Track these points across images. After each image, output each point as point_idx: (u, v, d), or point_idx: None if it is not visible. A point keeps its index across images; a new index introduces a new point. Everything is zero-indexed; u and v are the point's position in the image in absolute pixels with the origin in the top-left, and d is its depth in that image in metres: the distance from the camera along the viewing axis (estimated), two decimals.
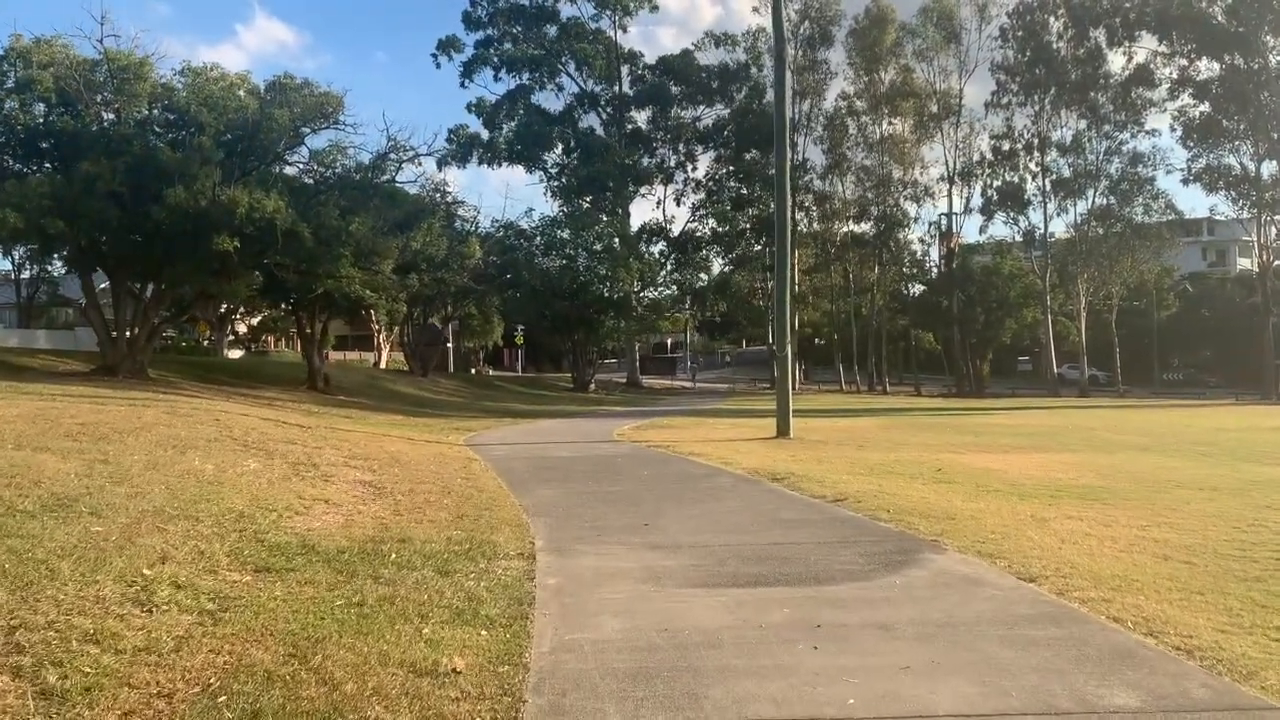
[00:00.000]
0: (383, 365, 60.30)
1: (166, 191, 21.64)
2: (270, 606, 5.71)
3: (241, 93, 25.13)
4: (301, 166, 27.19)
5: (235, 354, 61.74)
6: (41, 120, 23.87)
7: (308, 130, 25.60)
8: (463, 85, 60.52)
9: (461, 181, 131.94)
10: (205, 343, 60.58)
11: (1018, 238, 66.04)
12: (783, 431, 20.76)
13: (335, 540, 7.75)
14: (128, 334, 25.01)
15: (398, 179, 28.52)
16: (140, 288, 25.71)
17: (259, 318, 64.70)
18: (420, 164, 29.27)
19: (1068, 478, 13.96)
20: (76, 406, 15.72)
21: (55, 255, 25.92)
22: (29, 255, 45.20)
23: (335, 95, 26.50)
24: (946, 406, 43.24)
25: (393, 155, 27.02)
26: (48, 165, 24.16)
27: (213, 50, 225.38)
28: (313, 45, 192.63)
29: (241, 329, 66.75)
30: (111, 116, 23.53)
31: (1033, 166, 64.25)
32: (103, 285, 27.68)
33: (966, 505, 10.65)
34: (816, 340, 78.20)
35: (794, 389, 24.76)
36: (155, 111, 25.37)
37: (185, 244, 23.00)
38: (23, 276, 56.81)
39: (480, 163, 59.83)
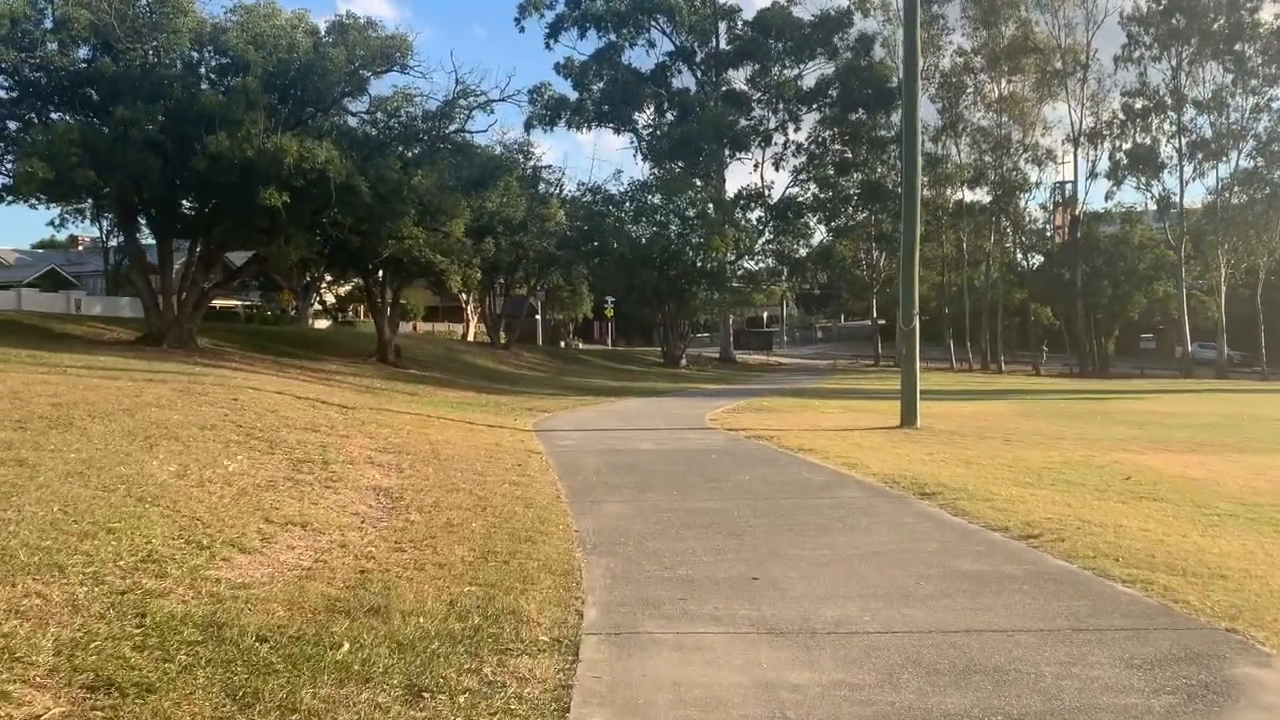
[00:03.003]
0: (470, 337, 58.29)
1: (208, 139, 19.31)
2: None
3: (298, 33, 22.59)
4: (364, 117, 24.63)
5: (321, 324, 60.45)
6: (85, 64, 21.81)
7: (369, 74, 23.01)
8: (548, 46, 57.42)
9: (546, 145, 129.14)
10: (291, 312, 59.40)
11: (1150, 204, 60.48)
12: (908, 420, 17.41)
13: (271, 609, 4.93)
14: (176, 299, 22.88)
15: (469, 129, 25.70)
16: (191, 249, 23.56)
17: (347, 287, 63.32)
18: (493, 111, 26.09)
19: None
20: (78, 381, 13.43)
21: (100, 213, 23.68)
22: (115, 221, 44.13)
23: (402, 37, 23.89)
24: (1077, 388, 39.02)
25: (462, 101, 24.23)
26: (91, 115, 22.08)
27: None
28: (412, 21, 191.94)
29: (330, 299, 65.45)
30: (153, 58, 21.25)
31: (1167, 127, 58.57)
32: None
33: (1215, 545, 7.35)
34: (923, 315, 73.61)
35: None
36: (207, 55, 23.09)
37: (232, 199, 20.71)
38: (111, 244, 56.15)
39: (569, 126, 56.84)
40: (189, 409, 11.78)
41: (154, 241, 24.42)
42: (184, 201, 22.15)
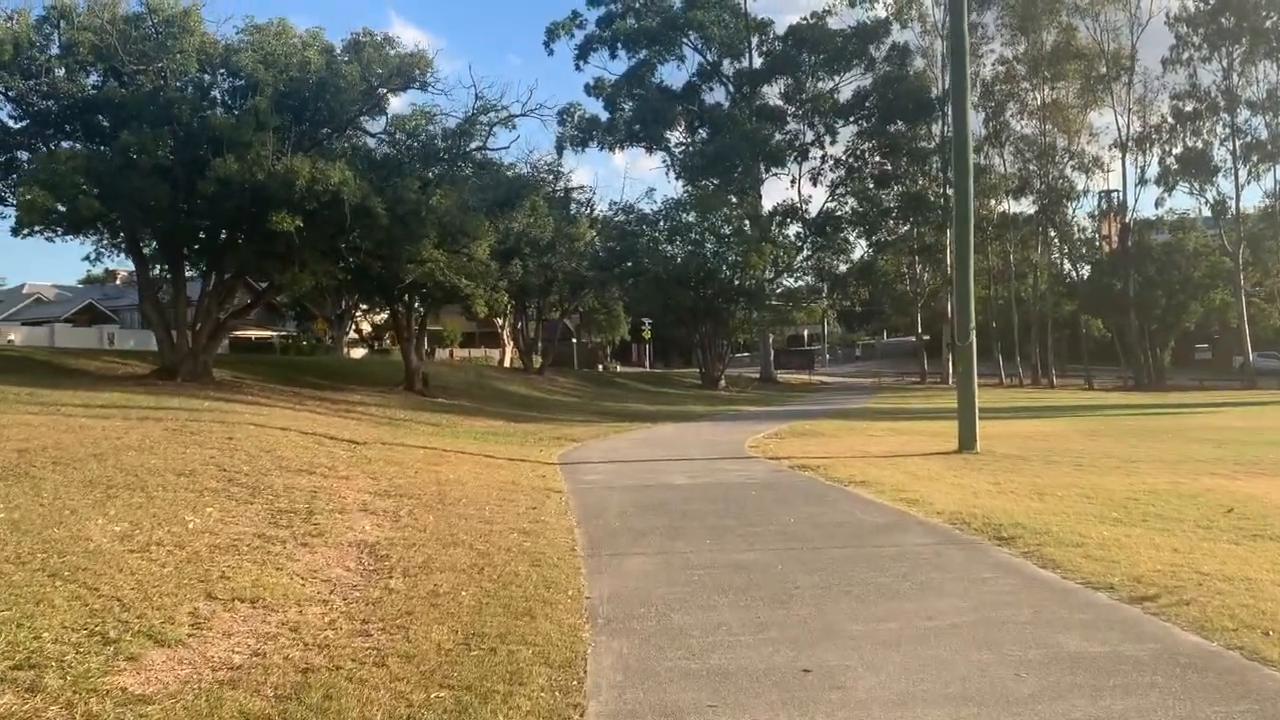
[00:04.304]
0: (507, 363, 57.34)
1: (215, 162, 18.41)
2: None
3: (311, 52, 21.70)
4: (382, 137, 23.68)
5: (358, 353, 59.78)
6: (94, 90, 21.10)
7: (386, 92, 22.07)
8: (578, 67, 56.85)
9: (579, 166, 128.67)
10: (328, 341, 58.80)
11: (1204, 210, 58.18)
12: (967, 444, 15.95)
13: None
14: (190, 331, 22.00)
15: (490, 146, 24.66)
16: (205, 278, 22.71)
17: (383, 315, 62.69)
18: (514, 126, 25.03)
19: None
20: (62, 422, 12.45)
21: (129, 245, 22.80)
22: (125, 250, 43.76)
23: (421, 54, 22.94)
24: (1137, 403, 37.08)
25: (482, 117, 23.19)
26: (101, 143, 21.32)
27: None
28: (447, 50, 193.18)
29: (366, 327, 64.79)
30: (161, 81, 20.44)
31: (1220, 129, 56.36)
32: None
33: None
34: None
35: (951, 383, 19.69)
36: (220, 77, 22.30)
37: (244, 225, 19.82)
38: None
39: (600, 146, 56.03)
40: (172, 452, 10.70)
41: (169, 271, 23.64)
42: (196, 229, 21.27)
